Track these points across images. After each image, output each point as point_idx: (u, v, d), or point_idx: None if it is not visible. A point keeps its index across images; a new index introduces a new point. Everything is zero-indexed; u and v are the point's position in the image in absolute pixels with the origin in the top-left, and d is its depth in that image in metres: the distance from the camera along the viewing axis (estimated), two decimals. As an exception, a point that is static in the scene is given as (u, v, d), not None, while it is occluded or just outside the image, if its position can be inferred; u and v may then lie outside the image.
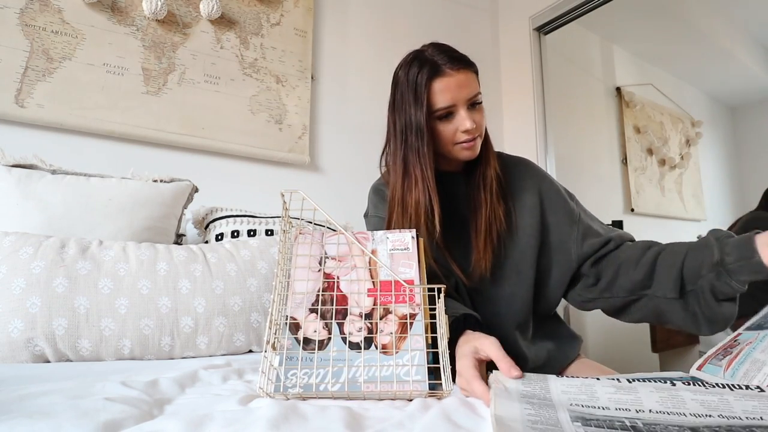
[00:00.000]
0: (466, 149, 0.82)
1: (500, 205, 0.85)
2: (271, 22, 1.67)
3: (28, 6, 1.26)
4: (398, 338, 0.58)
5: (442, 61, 0.79)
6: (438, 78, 0.79)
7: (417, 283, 0.63)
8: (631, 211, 2.86)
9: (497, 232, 0.85)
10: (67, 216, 1.01)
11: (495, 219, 0.84)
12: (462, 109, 0.80)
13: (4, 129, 1.22)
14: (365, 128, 1.87)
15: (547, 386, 0.48)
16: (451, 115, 0.81)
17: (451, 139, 0.82)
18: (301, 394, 0.55)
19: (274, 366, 0.57)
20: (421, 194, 0.80)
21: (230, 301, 0.97)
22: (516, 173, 0.92)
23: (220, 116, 1.53)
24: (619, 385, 0.48)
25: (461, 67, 0.79)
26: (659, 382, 0.48)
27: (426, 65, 0.79)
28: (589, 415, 0.41)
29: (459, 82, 0.79)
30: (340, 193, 1.77)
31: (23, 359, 0.80)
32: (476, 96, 0.81)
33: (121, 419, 0.44)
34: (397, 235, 0.67)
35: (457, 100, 0.79)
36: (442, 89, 0.79)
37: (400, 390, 0.54)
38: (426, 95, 0.79)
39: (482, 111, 0.84)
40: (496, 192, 0.85)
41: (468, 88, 0.80)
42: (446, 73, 0.79)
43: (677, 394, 0.45)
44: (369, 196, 0.98)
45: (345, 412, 0.47)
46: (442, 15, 2.19)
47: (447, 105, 0.79)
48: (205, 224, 1.32)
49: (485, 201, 0.85)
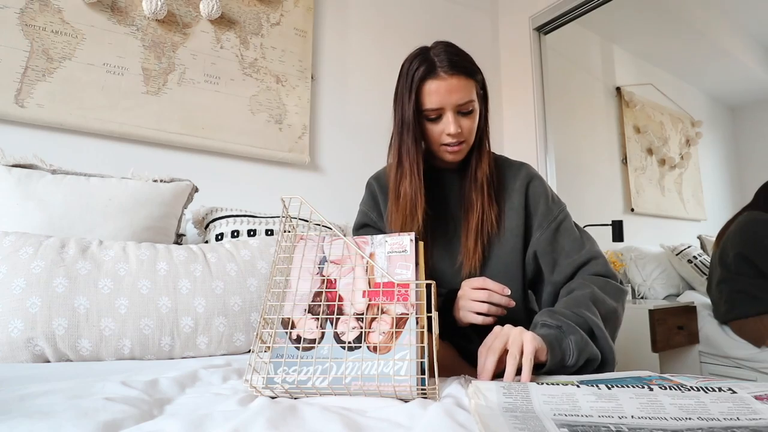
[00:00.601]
0: (450, 153, 0.84)
1: (492, 207, 0.86)
2: (271, 21, 1.67)
3: (28, 6, 1.26)
4: (389, 337, 0.58)
5: (441, 63, 0.80)
6: (430, 79, 0.80)
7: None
8: (631, 211, 2.87)
9: (488, 233, 0.86)
10: (67, 216, 1.02)
11: (486, 220, 0.85)
12: (450, 113, 0.81)
13: (4, 129, 1.22)
14: (365, 128, 1.87)
15: (529, 396, 0.49)
16: (439, 117, 0.82)
17: (437, 140, 0.84)
18: (288, 390, 0.55)
19: (265, 361, 0.57)
20: (409, 187, 0.84)
21: (230, 301, 0.98)
22: (509, 175, 0.92)
23: (220, 116, 1.53)
24: (599, 392, 0.48)
25: (455, 73, 0.79)
26: (637, 387, 0.49)
27: (424, 64, 0.80)
28: (574, 422, 0.42)
29: (450, 87, 0.79)
30: (340, 193, 1.77)
31: (23, 359, 0.80)
32: (467, 104, 0.81)
33: (121, 419, 0.44)
34: (395, 238, 0.67)
35: (445, 104, 0.80)
36: (432, 91, 0.80)
37: (386, 388, 0.55)
38: (416, 93, 0.81)
39: (474, 118, 0.84)
40: (488, 193, 0.86)
41: (458, 94, 0.80)
42: (439, 76, 0.79)
43: (656, 399, 0.46)
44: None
45: (344, 413, 0.47)
46: (442, 15, 2.19)
47: (434, 107, 0.81)
48: (205, 224, 1.32)
49: (477, 202, 0.86)
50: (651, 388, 0.48)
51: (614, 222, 2.21)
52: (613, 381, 0.52)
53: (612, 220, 2.23)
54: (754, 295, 1.85)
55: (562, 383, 0.52)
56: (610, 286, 0.79)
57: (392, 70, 0.90)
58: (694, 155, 3.52)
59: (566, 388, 0.50)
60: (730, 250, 1.93)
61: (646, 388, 0.49)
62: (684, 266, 2.62)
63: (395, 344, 0.58)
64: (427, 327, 0.59)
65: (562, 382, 0.53)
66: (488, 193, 0.86)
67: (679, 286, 2.62)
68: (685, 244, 2.75)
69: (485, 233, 0.85)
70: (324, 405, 0.51)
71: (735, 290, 1.90)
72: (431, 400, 0.54)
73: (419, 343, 0.57)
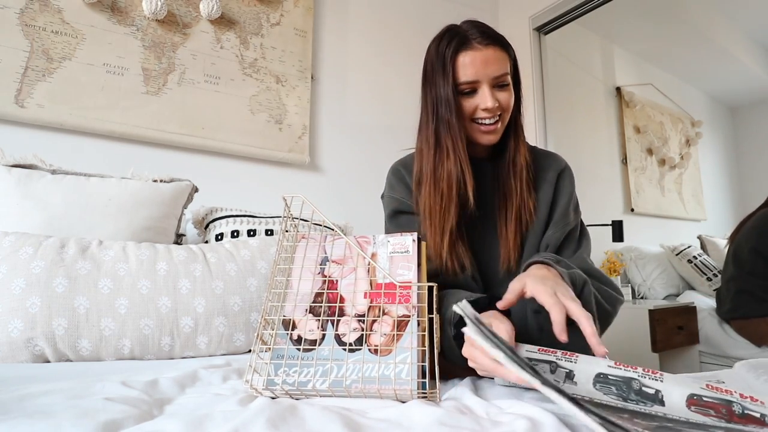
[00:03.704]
0: (485, 132, 0.79)
1: (531, 194, 0.82)
2: (271, 22, 1.67)
3: (28, 6, 1.26)
4: (390, 339, 0.58)
5: (473, 35, 0.76)
6: (464, 51, 0.76)
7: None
8: (631, 211, 2.86)
9: (526, 223, 0.81)
10: (67, 216, 1.01)
11: (525, 209, 0.81)
12: (486, 86, 0.76)
13: (4, 129, 1.22)
14: (365, 128, 1.87)
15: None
16: (474, 91, 0.77)
17: (470, 115, 0.79)
18: (288, 391, 0.55)
19: (265, 362, 0.57)
20: (453, 165, 0.77)
21: (230, 301, 0.97)
22: (543, 165, 0.87)
23: (220, 116, 1.53)
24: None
25: (491, 44, 0.76)
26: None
27: (456, 38, 0.77)
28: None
29: (486, 58, 0.75)
30: (340, 193, 1.77)
31: (23, 359, 0.80)
32: (503, 76, 0.77)
33: (121, 419, 0.44)
34: (397, 238, 0.67)
35: (481, 76, 0.76)
36: (467, 63, 0.76)
37: (387, 390, 0.55)
38: (452, 67, 0.76)
39: (510, 93, 0.79)
40: (526, 181, 0.82)
41: (494, 65, 0.76)
42: (473, 47, 0.76)
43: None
44: (387, 176, 0.95)
45: (344, 413, 0.47)
46: (442, 15, 2.19)
47: (470, 80, 0.76)
48: (205, 224, 1.32)
49: (516, 189, 0.81)
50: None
51: (614, 222, 2.21)
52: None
53: (612, 220, 2.23)
54: (761, 298, 1.85)
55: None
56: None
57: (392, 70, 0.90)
58: (694, 155, 3.52)
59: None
60: (745, 246, 1.92)
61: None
62: (684, 266, 2.62)
63: (396, 346, 0.58)
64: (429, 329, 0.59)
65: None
66: (527, 181, 0.82)
67: (679, 286, 2.62)
68: (685, 244, 2.75)
69: (524, 222, 0.81)
70: (324, 405, 0.50)
71: (743, 290, 1.90)
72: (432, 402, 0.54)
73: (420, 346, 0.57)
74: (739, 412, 0.43)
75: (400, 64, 1.95)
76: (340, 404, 0.52)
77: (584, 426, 0.41)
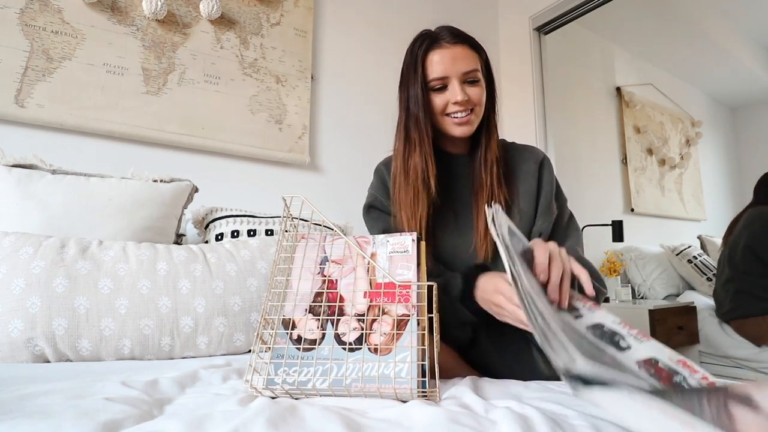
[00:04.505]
0: (458, 124, 0.83)
1: (501, 188, 0.85)
2: (271, 22, 1.67)
3: (28, 6, 1.26)
4: (390, 339, 0.58)
5: (443, 36, 0.82)
6: (434, 50, 0.81)
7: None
8: (631, 211, 2.86)
9: None
10: (67, 216, 1.01)
11: (494, 201, 0.84)
12: (455, 81, 0.81)
13: (4, 129, 1.22)
14: (365, 128, 1.87)
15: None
16: (445, 87, 0.82)
17: (443, 110, 0.83)
18: (288, 390, 0.55)
19: (265, 362, 0.57)
20: (419, 157, 0.82)
21: (230, 301, 0.97)
22: (519, 158, 0.91)
23: (220, 116, 1.53)
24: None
25: (459, 42, 0.81)
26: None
27: (427, 39, 0.82)
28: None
29: (454, 55, 0.80)
30: (340, 193, 1.77)
31: (23, 359, 0.80)
32: (472, 72, 0.82)
33: (121, 419, 0.44)
34: (397, 238, 0.67)
35: (450, 72, 0.80)
36: (436, 60, 0.81)
37: (387, 389, 0.55)
38: (422, 66, 0.81)
39: (481, 89, 0.84)
40: (497, 175, 0.85)
41: (463, 61, 0.81)
42: (442, 45, 0.81)
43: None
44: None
45: (344, 413, 0.47)
46: (442, 15, 2.19)
47: (439, 76, 0.81)
48: (205, 224, 1.32)
49: (486, 183, 0.85)
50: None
51: (614, 222, 2.21)
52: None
53: (612, 220, 2.23)
54: (759, 296, 1.85)
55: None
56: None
57: (392, 70, 0.90)
58: (694, 155, 3.52)
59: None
60: (739, 246, 1.93)
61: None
62: (684, 266, 2.62)
63: (396, 346, 0.58)
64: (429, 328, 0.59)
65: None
66: (497, 174, 0.85)
67: (679, 286, 2.62)
68: (685, 244, 2.75)
69: None
70: (324, 405, 0.50)
71: (741, 290, 1.90)
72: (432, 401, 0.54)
73: (420, 345, 0.57)
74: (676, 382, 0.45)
75: (400, 64, 1.95)
76: (340, 404, 0.52)
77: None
